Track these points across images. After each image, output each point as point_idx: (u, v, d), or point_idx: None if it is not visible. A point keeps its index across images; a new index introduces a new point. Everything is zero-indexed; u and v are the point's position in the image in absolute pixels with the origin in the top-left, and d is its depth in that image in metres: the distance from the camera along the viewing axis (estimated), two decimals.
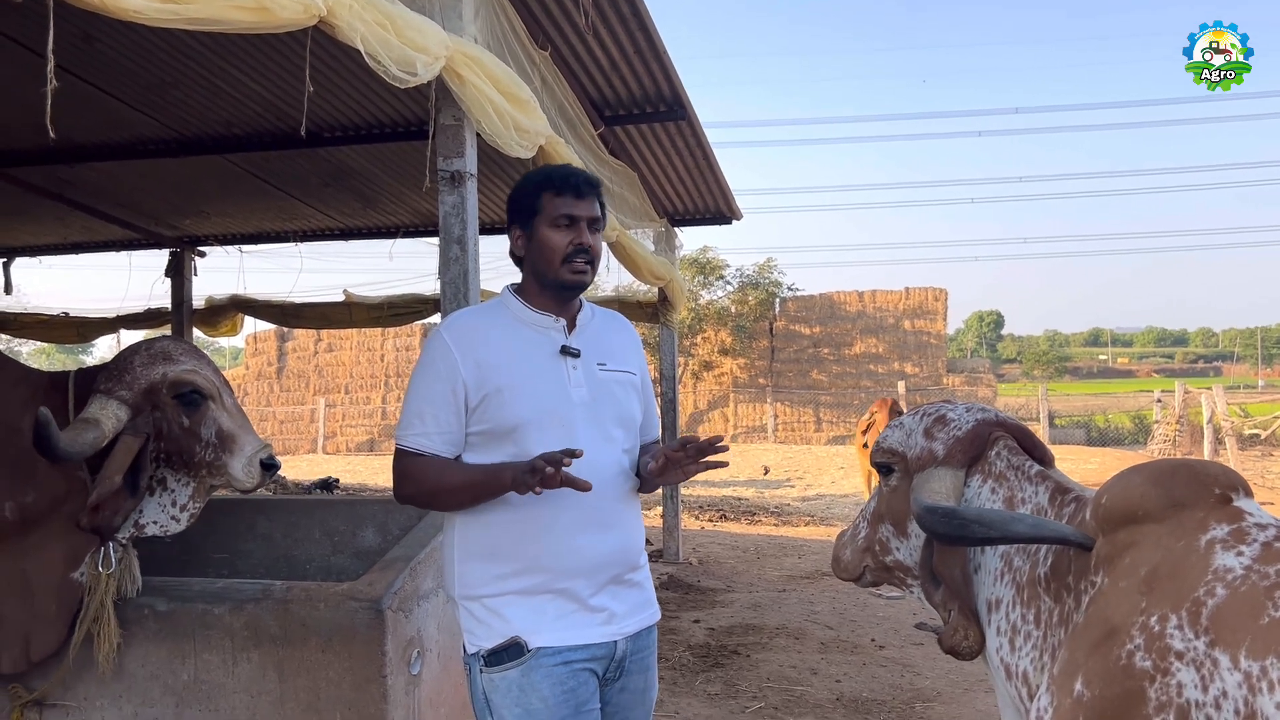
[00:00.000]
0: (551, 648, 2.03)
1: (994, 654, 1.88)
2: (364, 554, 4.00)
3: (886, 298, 27.34)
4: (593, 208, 2.17)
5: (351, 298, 9.25)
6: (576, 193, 2.15)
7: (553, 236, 2.13)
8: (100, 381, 2.86)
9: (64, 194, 7.22)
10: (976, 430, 2.03)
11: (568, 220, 2.14)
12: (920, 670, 5.41)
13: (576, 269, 2.13)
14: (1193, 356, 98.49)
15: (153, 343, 3.03)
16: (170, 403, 2.90)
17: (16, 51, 4.48)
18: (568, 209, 2.13)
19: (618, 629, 2.12)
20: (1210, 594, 1.46)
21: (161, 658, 2.95)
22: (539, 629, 2.03)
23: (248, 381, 29.15)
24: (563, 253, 2.13)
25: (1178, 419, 21.15)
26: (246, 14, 2.42)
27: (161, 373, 2.90)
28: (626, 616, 2.14)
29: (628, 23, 4.92)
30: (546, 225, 2.14)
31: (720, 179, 7.63)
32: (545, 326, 2.17)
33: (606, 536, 2.10)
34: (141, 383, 2.86)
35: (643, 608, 2.21)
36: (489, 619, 2.05)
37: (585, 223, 2.15)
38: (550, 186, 2.15)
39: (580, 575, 2.07)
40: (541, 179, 2.19)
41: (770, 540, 10.33)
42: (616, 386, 2.20)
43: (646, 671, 2.21)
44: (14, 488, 2.80)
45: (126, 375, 2.87)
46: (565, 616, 2.05)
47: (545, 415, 2.08)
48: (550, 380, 2.12)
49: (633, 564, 2.18)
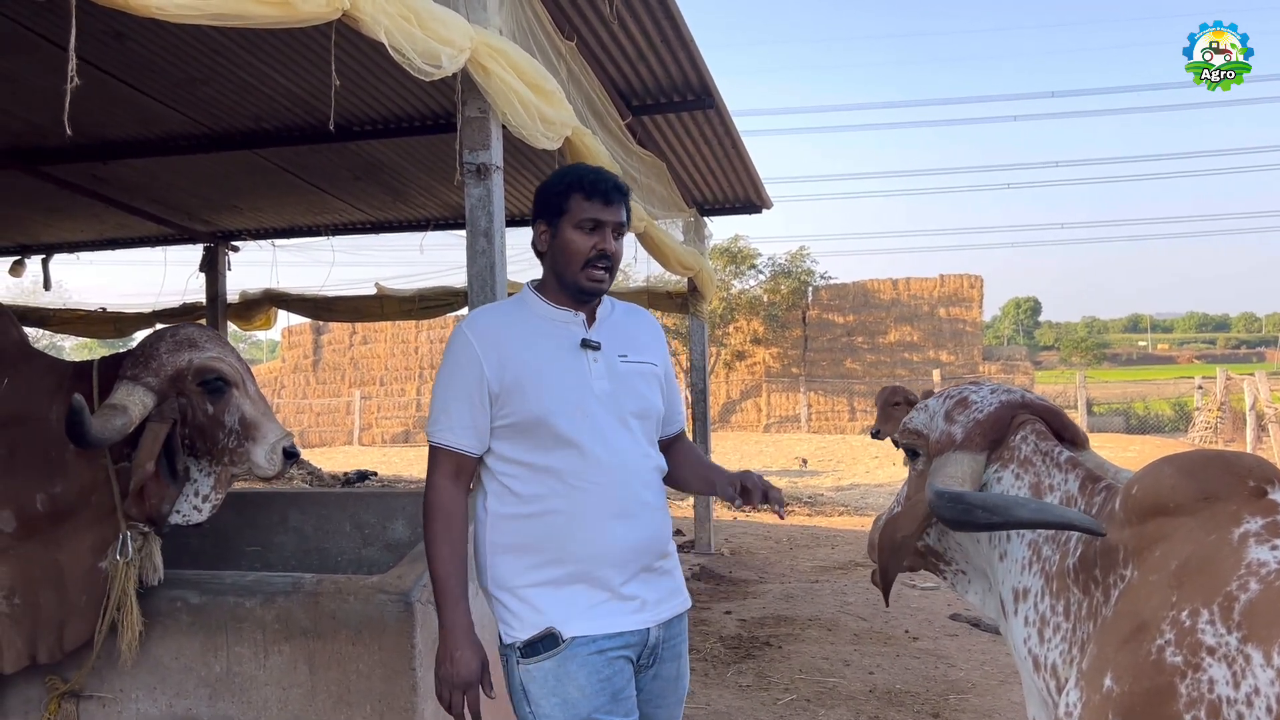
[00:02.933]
0: (586, 636, 2.05)
1: (1021, 644, 1.85)
2: (394, 546, 4.03)
3: (921, 285, 27.10)
4: (619, 214, 2.17)
5: (383, 290, 9.30)
6: (605, 198, 2.15)
7: (576, 239, 2.14)
8: (126, 368, 2.88)
9: (99, 191, 7.32)
10: (998, 413, 1.98)
11: (593, 224, 2.14)
12: (955, 662, 5.36)
13: (594, 276, 2.15)
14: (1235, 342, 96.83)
15: (177, 329, 3.05)
16: (195, 390, 2.92)
17: (49, 51, 4.53)
18: (595, 213, 2.14)
19: (650, 616, 2.14)
20: (1243, 588, 1.42)
21: (195, 650, 2.98)
22: (572, 618, 2.06)
23: (284, 374, 29.46)
24: (584, 257, 2.13)
25: (1219, 406, 20.81)
26: (269, 8, 2.43)
27: (187, 359, 2.92)
28: (658, 604, 2.16)
29: (654, 11, 4.90)
30: (571, 227, 2.14)
31: (750, 168, 7.59)
32: (565, 321, 2.18)
33: (634, 525, 2.11)
34: (168, 369, 2.88)
35: (673, 595, 2.22)
36: (522, 610, 2.08)
37: (610, 228, 2.16)
38: (581, 188, 2.15)
39: (610, 564, 2.09)
40: (573, 179, 2.18)
41: (803, 530, 10.29)
42: (638, 378, 2.21)
43: (679, 659, 2.24)
44: (44, 479, 2.84)
45: (153, 362, 2.89)
46: (598, 605, 2.08)
47: (567, 406, 2.09)
48: (572, 373, 2.13)
49: (661, 551, 2.20)
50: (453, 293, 9.04)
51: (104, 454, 2.83)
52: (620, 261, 2.22)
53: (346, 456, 22.23)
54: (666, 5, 4.83)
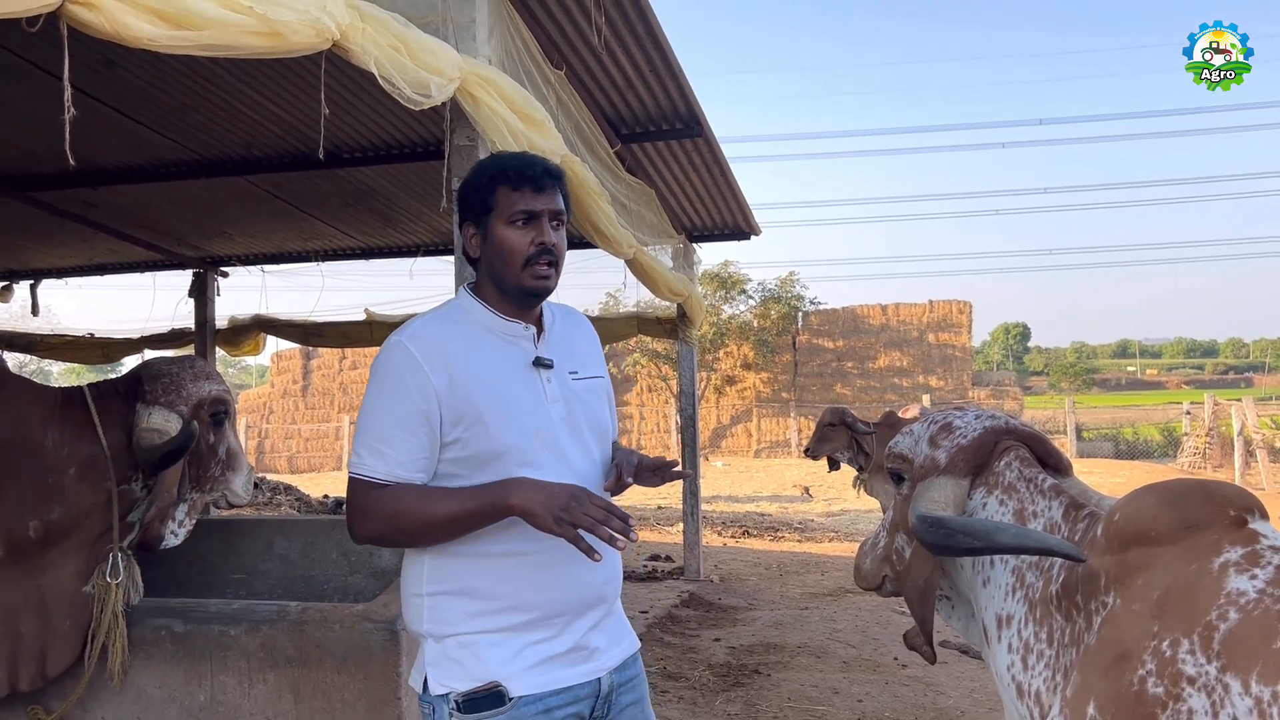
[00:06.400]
0: (533, 695, 1.84)
1: (1004, 671, 1.85)
2: (381, 574, 4.01)
3: (910, 311, 27.23)
4: (554, 200, 1.93)
5: (373, 316, 9.31)
6: (535, 185, 1.90)
7: (511, 236, 1.90)
8: (158, 395, 2.99)
9: (89, 217, 7.32)
10: (982, 439, 1.98)
11: (526, 216, 1.90)
12: (944, 689, 5.35)
13: (539, 273, 1.91)
14: (1223, 368, 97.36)
15: (194, 360, 3.24)
16: (206, 420, 3.08)
17: (40, 78, 4.54)
18: (526, 204, 1.89)
19: (600, 664, 1.95)
20: (1223, 618, 1.43)
21: (178, 679, 2.96)
22: (519, 674, 1.84)
23: (274, 399, 29.37)
24: (524, 254, 1.89)
25: (1208, 431, 20.88)
26: (259, 39, 2.44)
27: (207, 390, 3.09)
28: (609, 649, 1.98)
29: (642, 41, 4.94)
30: (503, 224, 1.90)
31: (738, 195, 7.63)
32: (515, 335, 1.95)
33: (597, 565, 1.83)
34: (193, 398, 3.04)
35: (623, 636, 2.04)
36: (464, 657, 1.84)
37: (546, 217, 1.91)
38: (505, 179, 1.91)
39: (570, 610, 1.90)
40: (495, 170, 1.94)
41: (793, 556, 10.27)
42: (590, 395, 2.02)
43: (640, 702, 2.03)
44: (39, 505, 2.84)
45: (183, 390, 3.03)
46: (546, 661, 1.87)
47: (530, 439, 1.88)
48: (529, 399, 1.91)
49: (617, 591, 2.02)
50: None
51: (109, 476, 2.89)
52: (564, 254, 1.96)
53: (335, 482, 22.11)
54: (655, 35, 4.87)
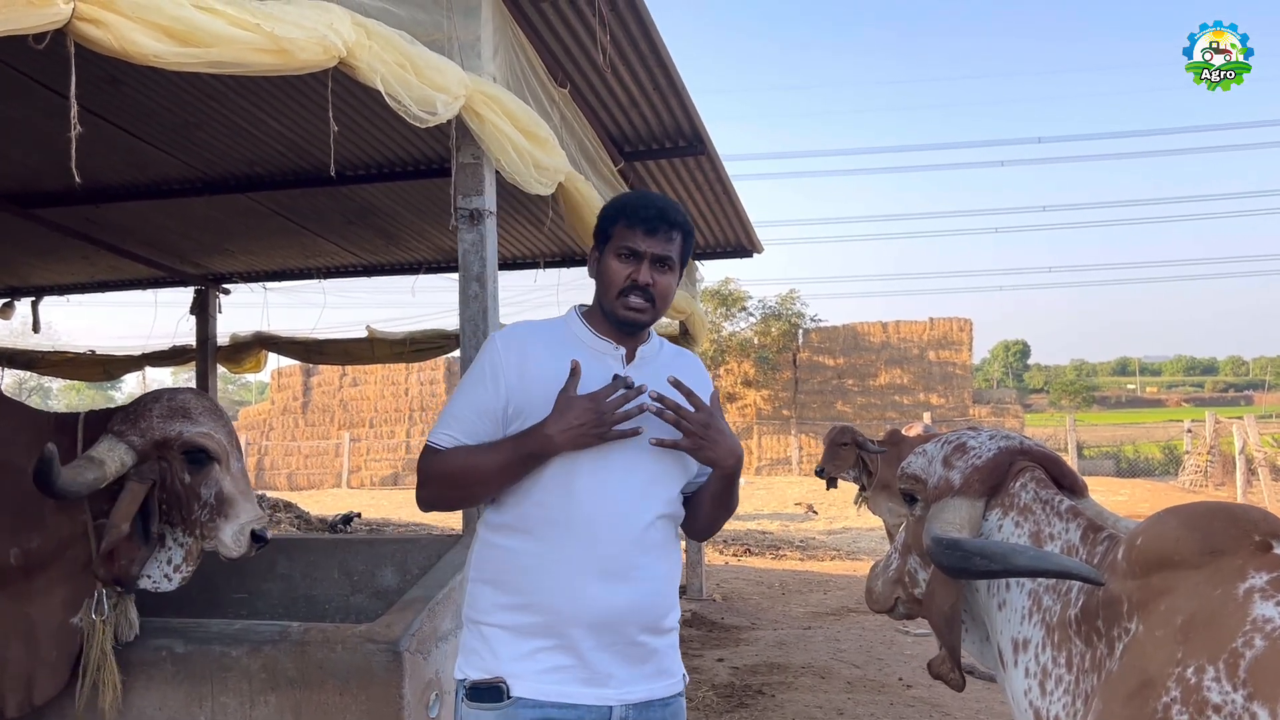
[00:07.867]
0: (532, 700, 1.89)
1: (1021, 696, 1.82)
2: (383, 594, 3.98)
3: (911, 328, 27.24)
4: (662, 246, 2.06)
5: (374, 333, 9.29)
6: (647, 227, 2.04)
7: (613, 266, 2.06)
8: (115, 423, 2.86)
9: (91, 234, 7.30)
10: (997, 459, 1.95)
11: (629, 252, 2.05)
12: (949, 710, 5.30)
13: (631, 305, 2.04)
14: (1223, 385, 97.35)
15: (175, 394, 3.02)
16: (179, 458, 2.90)
17: (45, 96, 4.54)
18: (632, 242, 2.04)
19: (615, 694, 1.93)
20: (1249, 645, 1.40)
21: (179, 701, 2.93)
22: (523, 675, 1.90)
23: (273, 416, 29.33)
24: (619, 285, 2.04)
25: (1209, 449, 20.85)
26: (267, 56, 2.43)
27: (178, 430, 2.90)
28: (630, 683, 1.95)
29: (646, 60, 4.94)
30: (611, 254, 2.07)
31: (741, 213, 7.63)
32: (601, 351, 2.07)
33: (619, 589, 1.91)
34: (155, 434, 2.87)
35: (656, 677, 2.00)
36: (480, 648, 1.96)
37: (649, 260, 2.05)
38: (624, 216, 2.07)
39: (581, 625, 1.91)
40: (619, 206, 2.12)
41: (796, 575, 10.22)
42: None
43: None
44: (19, 533, 2.79)
45: (142, 422, 2.87)
46: (556, 670, 1.90)
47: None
48: None
49: (651, 625, 1.98)
50: (444, 335, 9.03)
51: (84, 509, 2.80)
52: (667, 297, 2.09)
53: (335, 499, 22.08)
54: (659, 53, 4.87)
